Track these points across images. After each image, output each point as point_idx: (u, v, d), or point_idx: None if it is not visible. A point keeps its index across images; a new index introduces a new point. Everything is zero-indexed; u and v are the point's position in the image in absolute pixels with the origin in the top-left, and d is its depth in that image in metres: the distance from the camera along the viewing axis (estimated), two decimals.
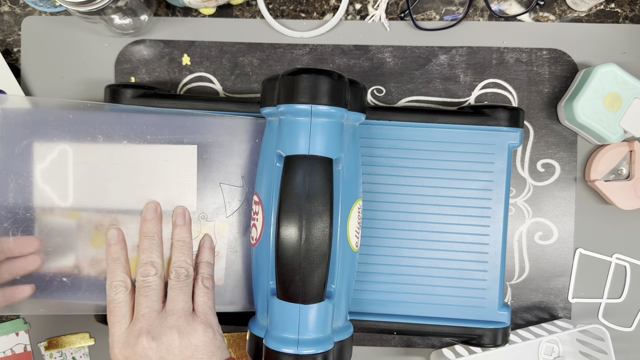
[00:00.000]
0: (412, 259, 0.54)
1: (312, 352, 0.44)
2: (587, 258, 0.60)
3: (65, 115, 0.52)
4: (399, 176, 0.54)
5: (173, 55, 0.60)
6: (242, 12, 0.60)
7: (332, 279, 0.46)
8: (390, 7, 0.60)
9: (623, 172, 0.58)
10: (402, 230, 0.54)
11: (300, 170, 0.43)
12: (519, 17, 0.60)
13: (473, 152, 0.53)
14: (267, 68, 0.60)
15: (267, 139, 0.48)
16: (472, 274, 0.53)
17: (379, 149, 0.54)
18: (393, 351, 0.60)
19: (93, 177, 0.52)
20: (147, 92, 0.53)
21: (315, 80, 0.44)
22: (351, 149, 0.48)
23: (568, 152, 0.60)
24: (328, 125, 0.45)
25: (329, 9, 0.60)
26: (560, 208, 0.60)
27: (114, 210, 0.52)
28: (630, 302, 0.60)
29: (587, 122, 0.55)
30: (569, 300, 0.60)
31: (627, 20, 0.60)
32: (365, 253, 0.54)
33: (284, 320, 0.45)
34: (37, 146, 0.51)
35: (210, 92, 0.60)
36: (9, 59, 0.60)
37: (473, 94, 0.60)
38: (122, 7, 0.52)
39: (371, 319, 0.53)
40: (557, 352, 0.60)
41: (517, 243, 0.60)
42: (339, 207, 0.46)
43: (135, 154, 0.52)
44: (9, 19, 0.60)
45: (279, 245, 0.43)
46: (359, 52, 0.60)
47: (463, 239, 0.53)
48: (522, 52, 0.60)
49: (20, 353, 0.59)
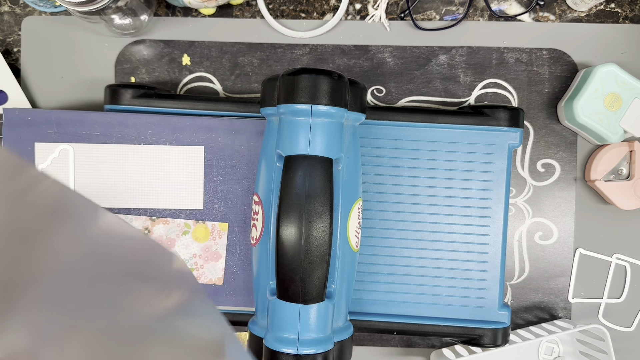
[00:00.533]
0: (412, 259, 0.54)
1: (312, 352, 0.44)
2: (587, 258, 0.60)
3: (66, 115, 0.52)
4: (399, 176, 0.54)
5: (173, 55, 0.60)
6: (242, 12, 0.60)
7: (332, 279, 0.46)
8: (390, 7, 0.60)
9: (623, 172, 0.58)
10: (402, 230, 0.54)
11: (300, 170, 0.43)
12: (519, 17, 0.60)
13: (473, 152, 0.53)
14: (267, 68, 0.60)
15: (267, 139, 0.48)
16: (472, 274, 0.53)
17: (379, 149, 0.54)
18: (393, 351, 0.60)
19: (95, 177, 0.52)
20: (147, 92, 0.53)
21: (315, 80, 0.44)
22: (351, 149, 0.48)
23: (568, 152, 0.60)
24: (328, 125, 0.45)
25: (329, 9, 0.60)
26: (560, 208, 0.60)
27: (115, 211, 0.52)
28: (630, 302, 0.60)
29: (587, 122, 0.55)
30: (569, 300, 0.60)
31: (627, 20, 0.60)
32: (365, 253, 0.54)
33: (284, 320, 0.45)
34: (39, 146, 0.51)
35: (210, 92, 0.60)
36: (9, 59, 0.60)
37: (473, 94, 0.60)
38: (122, 7, 0.52)
39: (371, 319, 0.53)
40: (557, 352, 0.60)
41: (517, 243, 0.60)
42: (339, 207, 0.46)
43: (140, 154, 0.52)
44: (9, 19, 0.60)
45: (279, 245, 0.43)
46: (359, 52, 0.60)
47: (463, 239, 0.53)
48: (522, 52, 0.60)
49: None
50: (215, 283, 0.52)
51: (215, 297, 0.52)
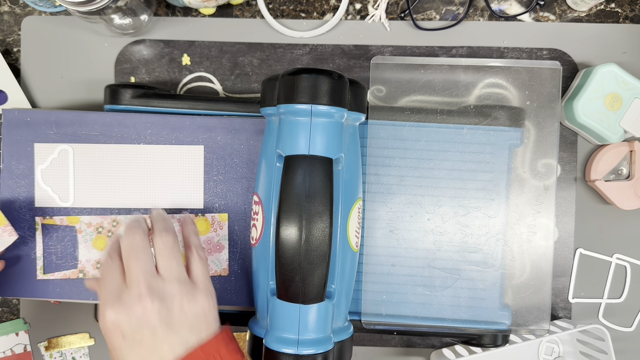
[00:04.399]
0: (412, 259, 0.54)
1: (312, 352, 0.44)
2: (587, 258, 0.60)
3: (65, 116, 0.52)
4: (399, 176, 0.54)
5: (173, 55, 0.60)
6: (242, 12, 0.60)
7: (332, 279, 0.46)
8: (390, 7, 0.60)
9: (623, 172, 0.58)
10: (402, 230, 0.54)
11: (300, 170, 0.43)
12: (519, 17, 0.60)
13: (473, 151, 0.53)
14: (267, 68, 0.60)
15: (267, 139, 0.48)
16: (472, 274, 0.53)
17: (379, 149, 0.54)
18: (393, 351, 0.60)
19: (94, 178, 0.52)
20: (147, 92, 0.53)
21: (315, 80, 0.44)
22: (351, 149, 0.48)
23: (568, 152, 0.60)
24: (328, 125, 0.45)
25: (329, 9, 0.60)
26: (560, 208, 0.60)
27: (115, 211, 0.52)
28: (630, 302, 0.60)
29: (587, 122, 0.55)
30: (569, 300, 0.60)
31: (627, 20, 0.60)
32: (366, 253, 0.54)
33: (284, 320, 0.45)
34: (38, 146, 0.51)
35: (210, 92, 0.60)
36: (9, 59, 0.60)
37: (473, 94, 0.60)
38: (122, 7, 0.52)
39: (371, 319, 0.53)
40: (557, 352, 0.60)
41: (517, 243, 0.60)
42: (339, 207, 0.46)
43: (140, 154, 0.52)
44: (9, 19, 0.60)
45: (279, 245, 0.43)
46: (359, 52, 0.60)
47: (463, 239, 0.53)
48: (522, 52, 0.60)
49: (20, 353, 0.59)
50: (221, 274, 0.52)
51: (221, 294, 0.52)
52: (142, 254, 0.42)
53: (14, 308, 0.60)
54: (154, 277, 0.41)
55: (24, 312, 0.59)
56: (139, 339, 0.39)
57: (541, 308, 0.60)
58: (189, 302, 0.41)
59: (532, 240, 0.60)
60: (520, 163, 0.60)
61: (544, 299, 0.60)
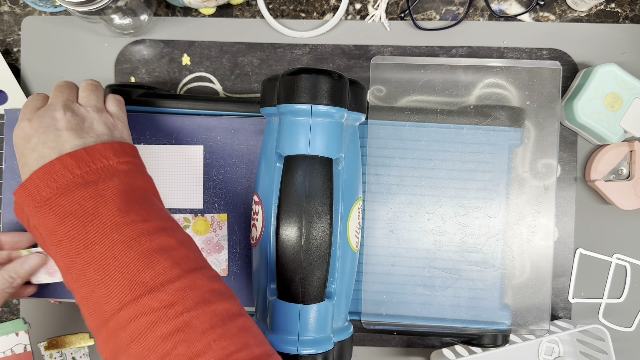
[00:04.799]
0: (412, 259, 0.54)
1: (312, 352, 0.44)
2: (587, 258, 0.60)
3: None
4: (399, 176, 0.54)
5: (173, 55, 0.60)
6: (242, 12, 0.60)
7: (332, 279, 0.46)
8: (390, 7, 0.60)
9: (623, 172, 0.58)
10: (402, 230, 0.54)
11: (300, 170, 0.43)
12: (519, 17, 0.60)
13: (473, 151, 0.53)
14: (267, 68, 0.60)
15: (267, 139, 0.48)
16: (472, 274, 0.53)
17: (379, 149, 0.54)
18: (393, 351, 0.60)
19: None
20: (147, 92, 0.53)
21: (315, 80, 0.44)
22: (351, 149, 0.48)
23: (568, 152, 0.60)
24: (328, 125, 0.45)
25: (329, 9, 0.60)
26: (560, 208, 0.60)
27: None
28: (630, 302, 0.60)
29: (587, 122, 0.55)
30: (569, 300, 0.60)
31: (627, 20, 0.60)
32: (366, 253, 0.53)
33: (284, 320, 0.45)
34: None
35: (210, 92, 0.60)
36: (9, 59, 0.60)
37: (473, 94, 0.60)
38: (122, 7, 0.52)
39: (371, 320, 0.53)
40: (557, 352, 0.60)
41: (517, 243, 0.60)
42: (339, 207, 0.46)
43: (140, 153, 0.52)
44: (9, 19, 0.60)
45: (279, 245, 0.43)
46: (359, 52, 0.60)
47: (463, 239, 0.53)
48: (522, 52, 0.60)
49: (20, 353, 0.59)
50: (220, 274, 0.52)
51: None
52: (66, 89, 0.44)
53: (14, 308, 0.60)
54: (72, 102, 0.43)
55: (24, 312, 0.59)
56: (42, 139, 0.40)
57: (541, 308, 0.60)
58: (104, 116, 0.43)
59: (532, 240, 0.60)
60: (520, 163, 0.60)
61: (544, 299, 0.60)
